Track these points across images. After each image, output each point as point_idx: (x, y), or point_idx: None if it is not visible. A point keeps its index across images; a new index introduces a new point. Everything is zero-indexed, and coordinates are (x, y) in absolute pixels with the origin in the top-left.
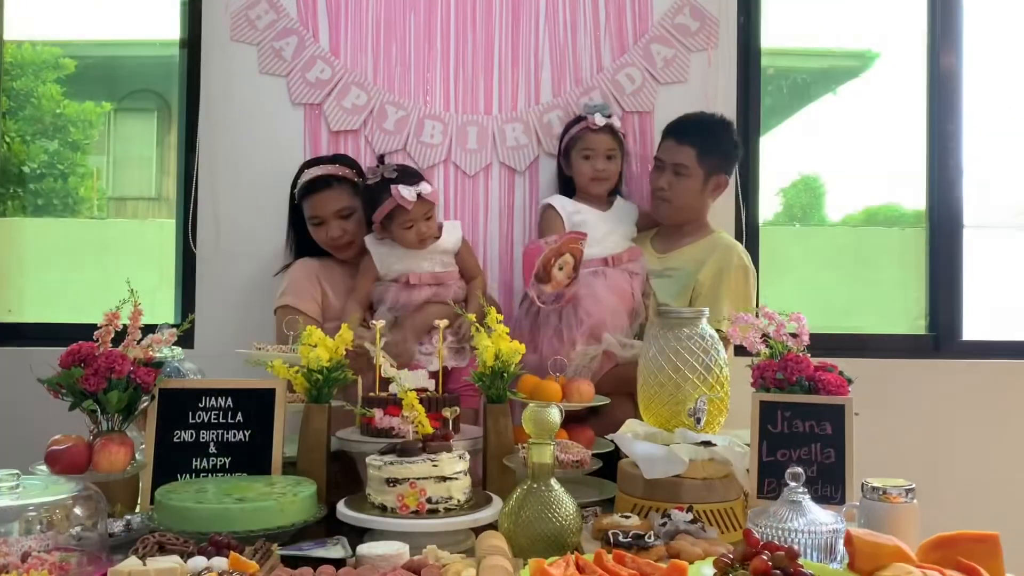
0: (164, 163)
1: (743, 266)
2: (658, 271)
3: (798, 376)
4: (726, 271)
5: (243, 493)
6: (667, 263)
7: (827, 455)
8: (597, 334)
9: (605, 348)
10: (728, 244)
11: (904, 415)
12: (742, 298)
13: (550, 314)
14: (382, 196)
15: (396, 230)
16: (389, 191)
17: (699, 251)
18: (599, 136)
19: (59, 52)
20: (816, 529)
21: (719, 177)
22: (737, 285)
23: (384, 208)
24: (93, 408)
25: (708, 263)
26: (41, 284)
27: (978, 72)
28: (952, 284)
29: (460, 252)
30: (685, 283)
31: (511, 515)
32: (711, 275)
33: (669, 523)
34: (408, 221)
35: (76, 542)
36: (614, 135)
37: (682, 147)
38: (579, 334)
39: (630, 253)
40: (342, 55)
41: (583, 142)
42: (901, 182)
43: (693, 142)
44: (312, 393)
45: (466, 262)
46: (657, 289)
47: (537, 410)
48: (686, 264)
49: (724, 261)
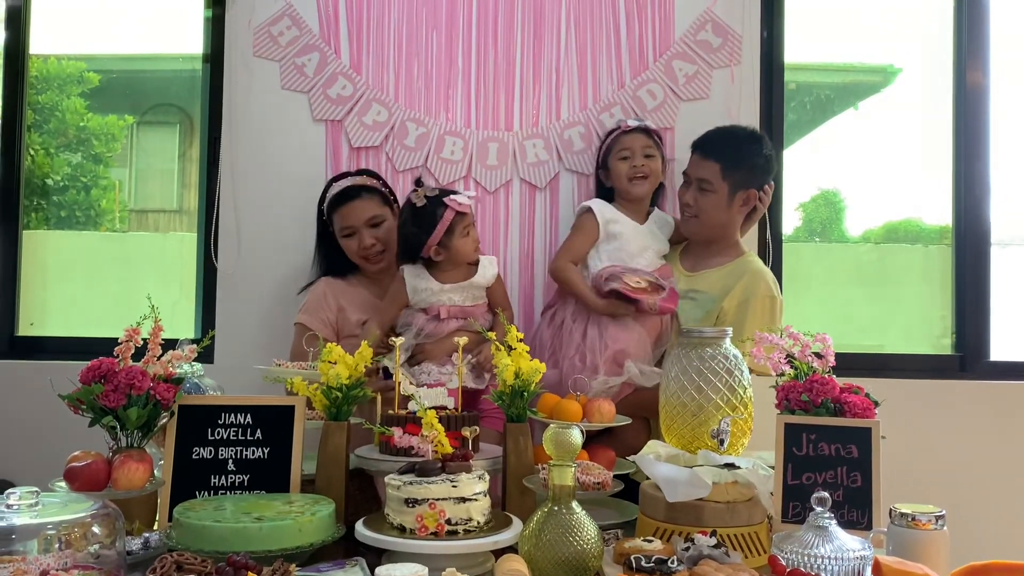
0: (186, 176)
1: (770, 296)
2: (683, 291)
3: (824, 398)
4: (752, 300)
5: (261, 511)
6: (693, 284)
7: (853, 479)
8: (620, 360)
9: (626, 379)
10: (756, 271)
11: (930, 437)
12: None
13: (573, 331)
14: (437, 212)
15: (457, 241)
16: (443, 205)
17: (726, 276)
18: (634, 135)
19: (83, 66)
20: (844, 556)
21: (747, 192)
22: (763, 316)
23: (445, 220)
24: (112, 424)
25: (734, 290)
26: (63, 297)
27: (1005, 87)
28: (979, 302)
29: (492, 286)
30: (709, 308)
31: (532, 538)
32: (736, 304)
33: (692, 548)
34: (467, 227)
35: (94, 560)
36: (649, 135)
37: (706, 162)
38: (602, 360)
39: (661, 272)
40: (364, 72)
41: (619, 144)
42: (922, 198)
43: (718, 157)
44: (331, 411)
45: (496, 295)
46: (681, 312)
47: (558, 431)
48: (711, 288)
49: (751, 290)
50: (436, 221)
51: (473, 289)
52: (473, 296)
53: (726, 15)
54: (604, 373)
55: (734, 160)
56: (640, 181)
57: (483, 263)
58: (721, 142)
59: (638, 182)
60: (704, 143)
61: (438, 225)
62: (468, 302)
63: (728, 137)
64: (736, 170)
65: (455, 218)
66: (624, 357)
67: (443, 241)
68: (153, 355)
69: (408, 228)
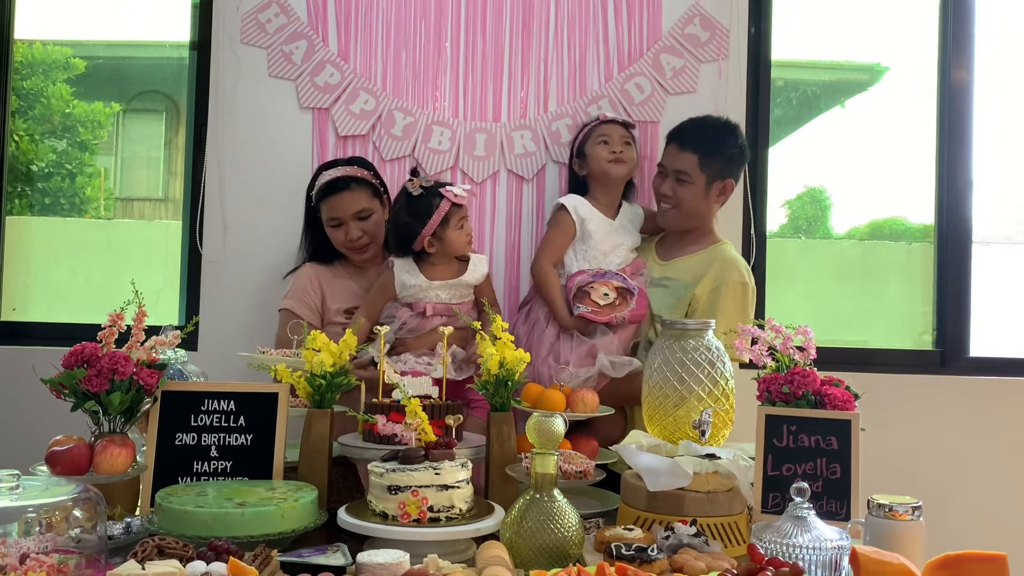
0: (172, 164)
1: (741, 283)
2: (657, 279)
3: (804, 390)
4: (723, 287)
5: (244, 498)
6: (667, 271)
7: (833, 470)
8: (593, 352)
9: (598, 370)
10: (728, 258)
11: (910, 431)
12: (739, 316)
13: (547, 331)
14: (433, 203)
15: (451, 232)
16: (439, 196)
17: (699, 263)
18: (612, 125)
19: (69, 52)
20: (821, 545)
21: (724, 182)
22: (734, 303)
23: (441, 210)
24: (95, 409)
25: (706, 277)
26: (46, 283)
27: (988, 86)
28: (960, 299)
29: (481, 285)
30: (681, 296)
31: (513, 525)
32: (708, 291)
33: (672, 536)
34: (461, 219)
35: (75, 544)
36: (627, 128)
37: (683, 153)
38: (574, 355)
39: (634, 266)
40: (351, 60)
41: (597, 131)
42: (907, 196)
43: (695, 148)
44: (315, 398)
45: (484, 295)
46: (653, 300)
47: (541, 420)
48: (684, 276)
49: (722, 277)
50: (432, 211)
51: (461, 287)
52: (460, 294)
53: (714, 9)
54: (575, 366)
55: (711, 151)
56: (619, 164)
57: (474, 261)
58: (698, 133)
59: (617, 164)
60: (680, 134)
61: (434, 215)
62: (455, 300)
63: (704, 128)
64: (713, 161)
65: (451, 209)
66: (596, 350)
67: (437, 232)
68: (136, 340)
69: (402, 217)
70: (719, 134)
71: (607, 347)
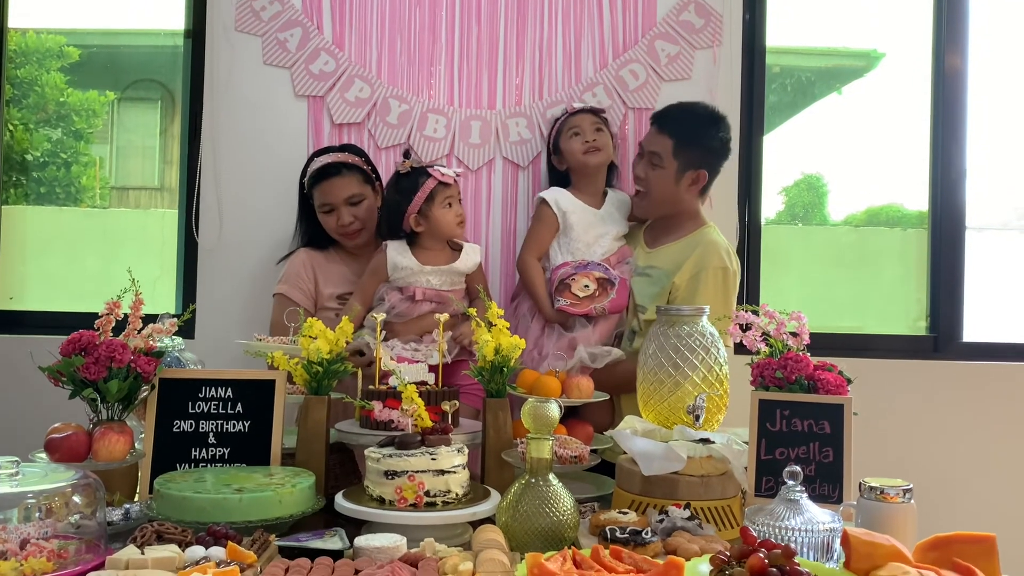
0: (167, 153)
1: (721, 267)
2: (641, 268)
3: (797, 375)
4: (703, 272)
5: (242, 483)
6: (651, 260)
7: (825, 454)
8: (574, 345)
9: (578, 362)
10: (709, 243)
11: (903, 416)
12: (720, 302)
13: (532, 326)
14: (419, 181)
15: (437, 211)
16: (426, 175)
17: (680, 250)
18: (582, 115)
19: (63, 41)
20: (813, 528)
21: (697, 172)
22: (715, 289)
23: (426, 188)
24: (93, 397)
25: (686, 265)
26: (43, 272)
27: (983, 73)
28: (953, 285)
29: (473, 274)
30: (663, 284)
31: (509, 509)
32: (688, 278)
33: (666, 520)
34: (448, 198)
35: (75, 530)
36: (597, 115)
37: (660, 136)
38: (555, 348)
39: (619, 255)
40: (346, 48)
41: (568, 124)
42: (904, 183)
43: (672, 133)
44: (312, 385)
45: (476, 282)
46: (636, 289)
47: (536, 405)
48: (666, 264)
49: (702, 263)
50: (417, 188)
51: (453, 274)
52: (451, 281)
53: None
54: (554, 358)
55: (687, 138)
56: (594, 153)
57: (467, 250)
58: (678, 118)
59: (592, 154)
60: (662, 116)
61: (418, 192)
62: (445, 287)
63: (687, 114)
64: (687, 149)
65: (436, 187)
66: (576, 343)
67: (423, 210)
68: (134, 328)
69: (391, 195)
70: (701, 123)
71: (587, 339)
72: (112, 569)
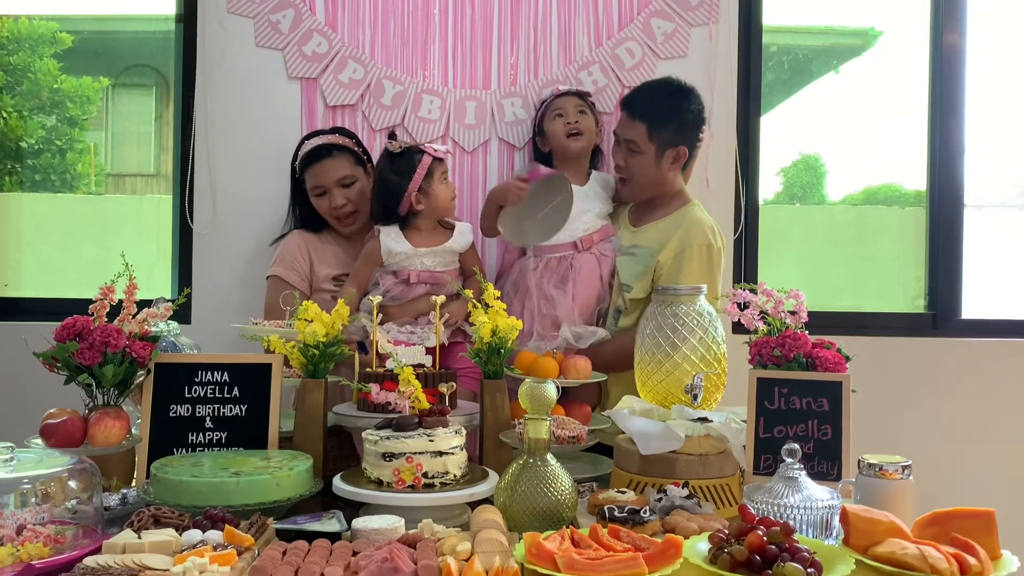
0: (162, 139)
1: (706, 244)
2: (626, 247)
3: (796, 353)
4: (687, 250)
5: (239, 467)
6: (636, 239)
7: (824, 432)
8: (557, 324)
9: (562, 343)
10: (694, 221)
11: (902, 393)
12: (704, 280)
13: (513, 303)
14: (415, 158)
15: (436, 186)
16: (420, 152)
17: (664, 229)
18: (566, 97)
19: (55, 27)
20: (812, 505)
21: (676, 150)
22: (699, 266)
23: (424, 164)
24: (88, 382)
25: (671, 243)
26: (38, 259)
27: (981, 50)
28: (952, 262)
29: (466, 253)
30: (647, 263)
31: (507, 489)
32: (672, 256)
33: (665, 498)
34: (444, 173)
35: (71, 515)
36: (582, 98)
37: (633, 123)
38: (539, 327)
39: (602, 232)
40: (339, 29)
41: (552, 106)
42: (902, 162)
43: (643, 117)
44: (308, 368)
45: (469, 263)
46: (621, 268)
47: (533, 386)
48: (650, 243)
49: (687, 240)
50: (415, 166)
51: (446, 254)
52: (445, 262)
53: None
54: (537, 338)
55: (660, 119)
56: (576, 137)
57: (459, 229)
58: (646, 100)
59: (574, 138)
60: (631, 101)
61: (417, 169)
62: (439, 267)
63: (655, 94)
64: (662, 129)
65: (433, 163)
66: (560, 322)
67: (423, 187)
68: (128, 313)
69: (388, 176)
70: (670, 100)
71: (567, 315)
72: (109, 553)
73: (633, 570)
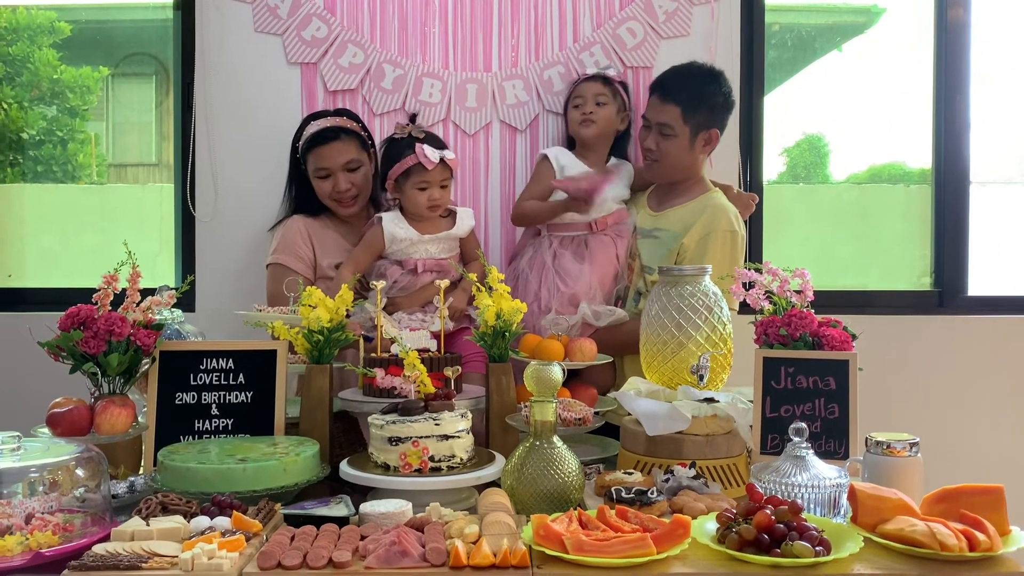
0: (163, 128)
1: (730, 231)
2: (648, 230)
3: (802, 332)
4: (712, 235)
5: (246, 454)
6: (658, 223)
7: (831, 410)
8: (576, 302)
9: (579, 319)
10: (718, 206)
11: (909, 370)
12: (727, 265)
13: (530, 280)
14: (405, 152)
15: (409, 190)
16: (413, 148)
17: (689, 212)
18: (589, 83)
19: (54, 16)
20: (820, 484)
21: (709, 132)
22: (723, 251)
23: (405, 163)
24: (94, 371)
25: (695, 227)
26: (41, 249)
27: (986, 25)
28: (958, 239)
29: (466, 237)
30: (671, 246)
31: (514, 472)
32: (696, 240)
33: (672, 479)
34: (424, 183)
35: (80, 504)
36: (606, 82)
37: (666, 106)
38: (556, 304)
39: (616, 215)
40: (338, 13)
41: (576, 91)
42: (906, 140)
43: (677, 100)
44: (313, 354)
45: (469, 246)
46: (643, 250)
47: (539, 368)
48: (674, 226)
49: (711, 225)
50: (399, 159)
51: (450, 240)
52: (448, 248)
53: None
54: (555, 313)
55: (694, 102)
56: (588, 124)
57: (461, 215)
58: (679, 83)
59: (586, 126)
60: (662, 85)
61: (396, 164)
62: (443, 254)
63: (687, 77)
64: (696, 112)
65: (414, 167)
66: (579, 299)
67: (399, 182)
68: (132, 301)
69: (382, 152)
70: (702, 83)
71: (587, 293)
72: (118, 541)
73: (642, 550)
